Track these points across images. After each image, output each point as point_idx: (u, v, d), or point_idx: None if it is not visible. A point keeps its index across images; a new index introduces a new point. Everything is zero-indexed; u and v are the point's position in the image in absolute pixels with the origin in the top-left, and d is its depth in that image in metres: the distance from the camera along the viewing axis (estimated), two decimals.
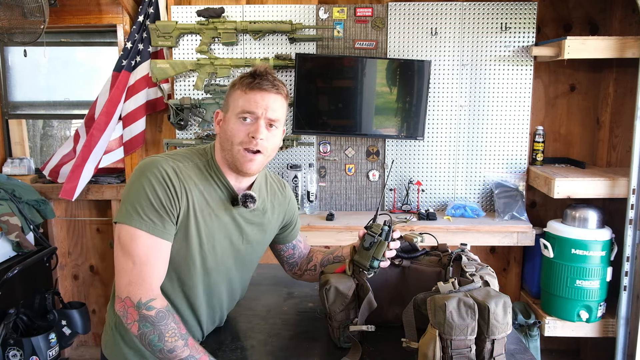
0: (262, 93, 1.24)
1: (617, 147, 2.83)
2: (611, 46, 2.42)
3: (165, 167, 1.21)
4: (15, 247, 2.53)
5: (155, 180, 1.18)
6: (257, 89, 1.24)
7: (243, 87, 1.25)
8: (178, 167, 1.24)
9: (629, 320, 2.47)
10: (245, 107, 1.23)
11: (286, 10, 2.72)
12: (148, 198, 1.17)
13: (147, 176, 1.19)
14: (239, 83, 1.26)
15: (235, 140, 1.24)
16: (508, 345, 1.28)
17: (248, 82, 1.25)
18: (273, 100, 1.25)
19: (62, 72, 3.23)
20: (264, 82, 1.24)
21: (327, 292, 1.30)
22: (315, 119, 2.71)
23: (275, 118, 1.26)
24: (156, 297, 1.16)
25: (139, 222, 1.16)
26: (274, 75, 1.28)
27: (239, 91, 1.25)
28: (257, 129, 1.23)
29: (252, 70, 1.27)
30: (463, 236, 2.58)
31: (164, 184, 1.19)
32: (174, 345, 1.14)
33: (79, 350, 3.19)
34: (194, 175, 1.26)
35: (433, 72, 2.74)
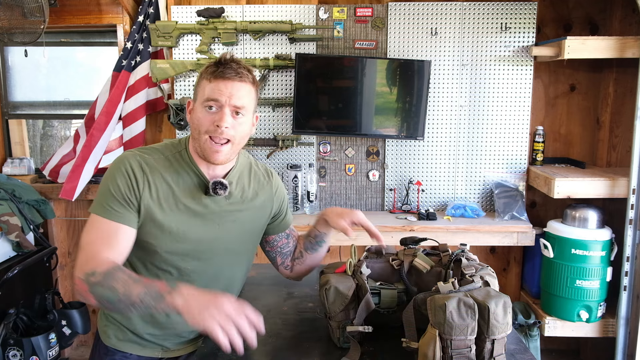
0: (226, 81, 1.25)
1: (617, 147, 2.83)
2: (611, 46, 2.42)
3: (131, 160, 1.28)
4: (15, 247, 2.53)
5: (119, 173, 1.27)
6: (220, 77, 1.25)
7: (208, 76, 1.27)
8: (144, 159, 1.30)
9: (629, 320, 2.47)
10: (209, 95, 1.25)
11: (286, 10, 2.73)
12: (109, 189, 1.26)
13: (112, 171, 1.28)
14: (205, 72, 1.28)
15: (202, 129, 1.26)
16: (508, 345, 1.28)
17: (212, 71, 1.26)
18: (237, 88, 1.26)
19: (62, 72, 3.23)
20: (227, 70, 1.25)
21: (327, 292, 1.30)
22: (315, 119, 2.71)
23: (241, 105, 1.26)
24: (100, 263, 1.18)
25: (99, 209, 1.25)
26: (239, 63, 1.28)
27: (205, 80, 1.27)
28: (221, 117, 1.24)
29: (217, 58, 1.28)
30: (463, 236, 2.58)
31: (126, 176, 1.26)
32: (128, 289, 1.11)
33: (79, 350, 3.19)
34: (161, 166, 1.31)
35: (433, 72, 2.74)
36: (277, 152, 2.84)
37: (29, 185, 2.79)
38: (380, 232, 2.69)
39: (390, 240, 2.57)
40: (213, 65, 1.27)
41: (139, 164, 1.28)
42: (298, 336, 1.41)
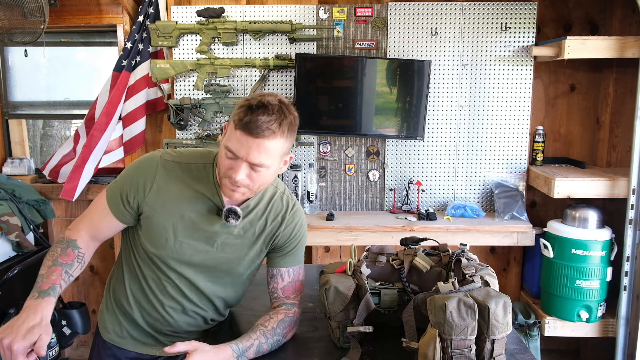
0: (247, 137, 1.14)
1: (617, 147, 2.83)
2: (611, 46, 2.42)
3: (156, 160, 1.31)
4: (15, 247, 2.53)
5: (136, 171, 1.31)
6: (244, 130, 1.14)
7: (236, 121, 1.16)
8: (168, 164, 1.31)
9: (629, 320, 2.47)
10: (228, 145, 1.18)
11: (286, 10, 2.72)
12: (126, 177, 1.32)
13: (135, 164, 1.34)
14: (236, 114, 1.16)
15: (221, 169, 1.24)
16: (508, 345, 1.28)
17: (239, 119, 1.15)
18: (257, 144, 1.15)
19: (62, 72, 3.23)
20: (252, 125, 1.13)
21: (326, 292, 1.30)
22: (315, 119, 2.71)
23: (259, 163, 1.17)
24: (71, 231, 1.34)
25: (109, 191, 1.34)
26: (271, 114, 1.14)
27: (232, 120, 1.18)
28: (235, 170, 1.19)
29: (251, 102, 1.15)
30: (463, 236, 2.58)
31: (140, 173, 1.30)
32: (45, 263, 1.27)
33: (79, 350, 3.19)
34: (181, 174, 1.31)
35: (433, 72, 2.74)
36: None
37: (29, 185, 2.79)
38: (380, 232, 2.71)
39: (390, 240, 2.57)
40: (244, 110, 1.15)
41: (159, 165, 1.31)
42: (298, 336, 1.41)
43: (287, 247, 1.41)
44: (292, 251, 1.42)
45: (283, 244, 1.40)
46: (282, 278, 1.41)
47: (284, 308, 1.39)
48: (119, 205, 1.31)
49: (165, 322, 1.39)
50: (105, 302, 1.47)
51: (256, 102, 1.15)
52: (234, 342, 1.26)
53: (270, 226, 1.37)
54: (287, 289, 1.42)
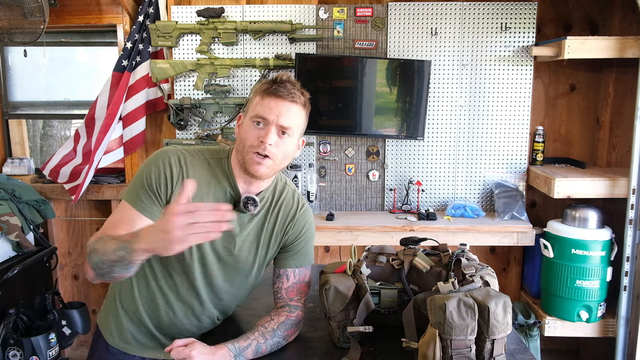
0: (277, 100, 1.25)
1: (617, 147, 2.83)
2: (611, 46, 2.42)
3: (171, 155, 1.29)
4: (15, 247, 2.53)
5: (154, 165, 1.28)
6: (273, 95, 1.25)
7: (261, 93, 1.27)
8: (184, 157, 1.30)
9: (629, 320, 2.47)
10: (258, 112, 1.26)
11: (286, 10, 2.72)
12: (142, 178, 1.27)
13: (150, 161, 1.29)
14: (259, 88, 1.29)
15: (247, 142, 1.26)
16: (508, 345, 1.28)
17: (265, 88, 1.27)
18: (287, 107, 1.26)
19: (62, 72, 3.23)
20: (280, 89, 1.25)
21: (326, 292, 1.30)
22: (315, 119, 2.71)
23: (288, 125, 1.26)
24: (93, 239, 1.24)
25: (129, 196, 1.27)
26: (295, 84, 1.29)
27: (258, 96, 1.28)
28: (266, 134, 1.24)
29: (274, 77, 1.29)
30: (463, 236, 2.58)
31: (161, 169, 1.27)
32: (106, 248, 1.11)
33: (79, 350, 3.19)
34: (198, 169, 1.30)
35: (433, 72, 2.74)
36: None
37: (29, 185, 2.79)
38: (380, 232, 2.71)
39: (390, 240, 2.57)
40: (268, 83, 1.28)
41: (178, 159, 1.29)
42: (298, 336, 1.41)
43: (295, 247, 1.41)
44: (300, 252, 1.41)
45: (291, 243, 1.40)
46: (288, 278, 1.41)
47: (286, 310, 1.38)
48: (152, 205, 1.26)
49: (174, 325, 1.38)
50: (109, 306, 1.44)
51: (279, 76, 1.28)
52: (230, 341, 1.26)
53: (281, 221, 1.38)
54: (291, 290, 1.41)
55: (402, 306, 1.34)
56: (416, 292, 1.38)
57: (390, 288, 1.38)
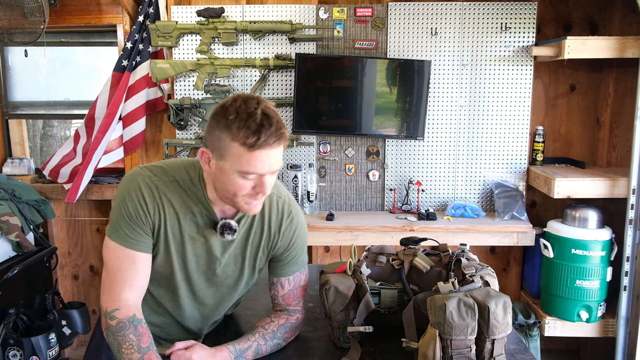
0: (267, 150, 1.10)
1: (617, 147, 2.83)
2: (611, 46, 2.42)
3: (140, 182, 1.21)
4: (15, 247, 2.53)
5: (129, 197, 1.20)
6: (261, 148, 1.09)
7: (244, 144, 1.08)
8: (156, 186, 1.21)
9: (629, 320, 2.47)
10: (248, 169, 1.11)
11: (286, 10, 2.72)
12: (122, 213, 1.20)
13: (122, 193, 1.22)
14: (237, 134, 1.08)
15: (238, 193, 1.16)
16: (508, 345, 1.28)
17: (250, 140, 1.08)
18: (276, 152, 1.12)
19: (62, 72, 3.23)
20: (269, 138, 1.09)
21: (326, 292, 1.30)
22: (315, 119, 2.71)
23: (278, 168, 1.16)
24: (120, 307, 1.18)
25: (115, 235, 1.21)
26: (273, 119, 1.10)
27: (238, 145, 1.09)
28: (263, 186, 1.15)
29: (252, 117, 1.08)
30: (463, 236, 2.58)
31: (136, 200, 1.20)
32: (129, 358, 1.13)
33: (79, 350, 3.19)
34: (172, 195, 1.22)
35: (433, 72, 2.74)
36: None
37: (29, 185, 2.79)
38: (380, 232, 2.71)
39: (390, 240, 2.57)
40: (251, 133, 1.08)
41: (149, 187, 1.21)
42: (298, 336, 1.41)
43: (286, 257, 1.36)
44: (292, 260, 1.37)
45: (282, 254, 1.36)
46: (283, 286, 1.39)
47: (285, 314, 1.38)
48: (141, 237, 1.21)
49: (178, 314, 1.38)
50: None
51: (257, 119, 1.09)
52: (231, 343, 1.26)
53: (267, 235, 1.32)
54: (288, 296, 1.39)
55: (402, 306, 1.34)
56: (416, 292, 1.38)
57: (390, 288, 1.38)
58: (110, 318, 1.17)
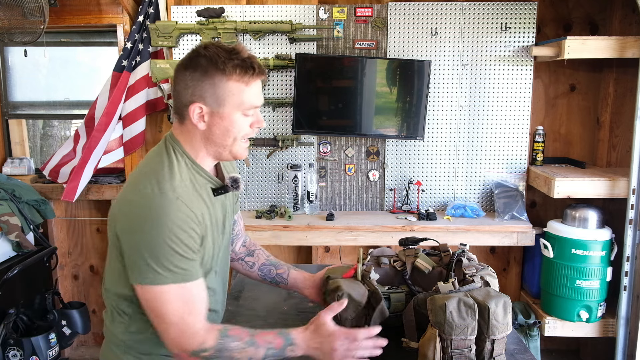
0: (258, 80, 1.16)
1: (617, 147, 2.83)
2: (611, 46, 2.42)
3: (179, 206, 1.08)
4: (15, 247, 2.53)
5: (179, 231, 1.07)
6: (257, 77, 1.14)
7: (241, 78, 1.12)
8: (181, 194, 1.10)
9: (629, 320, 2.47)
10: (253, 102, 1.15)
11: (286, 10, 2.72)
12: (175, 251, 1.07)
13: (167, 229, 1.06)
14: (232, 72, 1.11)
15: (239, 135, 1.17)
16: (508, 345, 1.28)
17: (245, 72, 1.12)
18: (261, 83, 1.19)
19: (62, 72, 3.23)
20: (260, 67, 1.14)
21: (339, 298, 1.26)
22: (315, 119, 2.71)
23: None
24: (205, 338, 1.11)
25: (170, 277, 1.07)
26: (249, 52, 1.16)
27: (236, 83, 1.12)
28: (260, 120, 1.20)
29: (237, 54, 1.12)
30: (463, 236, 2.58)
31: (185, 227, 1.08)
32: (248, 356, 1.13)
33: (79, 350, 3.19)
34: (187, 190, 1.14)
35: (433, 72, 2.74)
36: (277, 152, 2.84)
37: (29, 185, 2.79)
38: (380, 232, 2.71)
39: (390, 240, 2.57)
40: (241, 64, 1.11)
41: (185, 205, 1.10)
42: None
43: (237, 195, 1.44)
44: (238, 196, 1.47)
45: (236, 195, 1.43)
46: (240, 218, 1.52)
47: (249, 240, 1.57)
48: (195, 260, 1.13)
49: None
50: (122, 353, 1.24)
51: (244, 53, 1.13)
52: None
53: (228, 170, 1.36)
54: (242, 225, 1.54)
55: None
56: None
57: (398, 292, 1.36)
58: (204, 352, 1.10)
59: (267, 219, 2.69)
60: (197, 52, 1.13)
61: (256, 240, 1.61)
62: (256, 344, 1.13)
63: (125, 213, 1.11)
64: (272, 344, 1.14)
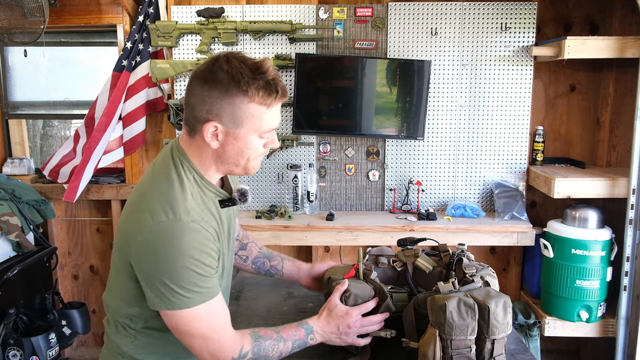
0: (284, 100, 1.13)
1: (617, 147, 2.83)
2: (611, 46, 2.42)
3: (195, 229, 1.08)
4: (15, 247, 2.53)
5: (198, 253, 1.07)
6: (280, 100, 1.11)
7: (263, 101, 1.08)
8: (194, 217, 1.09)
9: (629, 320, 2.47)
10: (271, 125, 1.13)
11: (286, 10, 2.72)
12: (197, 273, 1.07)
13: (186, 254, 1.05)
14: (254, 94, 1.06)
15: (253, 155, 1.15)
16: (508, 345, 1.28)
17: (269, 95, 1.08)
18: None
19: (62, 72, 3.23)
20: (284, 89, 1.11)
21: (346, 298, 1.27)
22: (315, 119, 2.71)
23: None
24: (242, 344, 1.14)
25: (198, 298, 1.08)
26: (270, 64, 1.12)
27: (257, 105, 1.08)
28: (275, 140, 1.18)
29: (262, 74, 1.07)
30: (463, 236, 2.58)
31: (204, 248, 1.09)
32: (279, 352, 1.19)
33: (79, 350, 3.19)
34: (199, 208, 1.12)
35: (433, 72, 2.74)
36: (277, 152, 2.84)
37: (29, 185, 2.79)
38: (380, 232, 2.71)
39: (390, 240, 2.57)
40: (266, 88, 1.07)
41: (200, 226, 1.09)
42: None
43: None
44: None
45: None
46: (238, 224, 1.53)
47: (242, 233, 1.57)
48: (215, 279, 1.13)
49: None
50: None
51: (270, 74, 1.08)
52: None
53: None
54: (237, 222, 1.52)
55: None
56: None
57: (400, 292, 1.36)
58: (245, 357, 1.14)
59: (267, 219, 2.69)
60: (219, 65, 1.07)
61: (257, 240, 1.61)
62: (284, 339, 1.20)
63: (141, 242, 1.07)
64: (297, 335, 1.22)
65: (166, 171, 1.14)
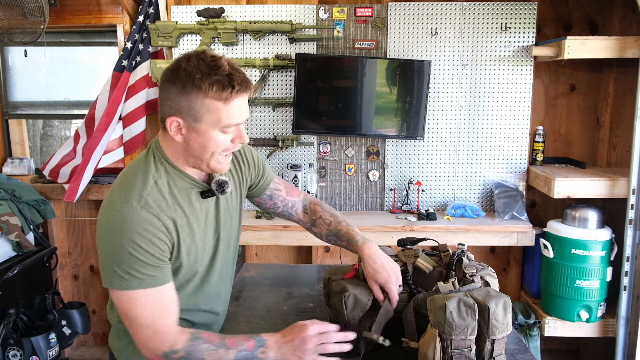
0: (241, 98, 1.12)
1: (617, 147, 2.83)
2: (611, 46, 2.42)
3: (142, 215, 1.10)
4: (15, 247, 2.53)
5: (140, 238, 1.09)
6: (238, 95, 1.10)
7: (219, 96, 1.08)
8: (147, 203, 1.12)
9: (629, 320, 2.47)
10: (232, 121, 1.12)
11: (286, 10, 2.72)
12: (137, 258, 1.09)
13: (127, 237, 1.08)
14: (209, 90, 1.08)
15: (217, 150, 1.15)
16: (508, 345, 1.27)
17: (223, 90, 1.08)
18: (246, 99, 1.15)
19: (62, 72, 3.23)
20: (242, 86, 1.10)
21: (346, 300, 1.26)
22: (315, 119, 2.71)
23: (249, 114, 1.18)
24: (175, 341, 1.13)
25: (136, 283, 1.10)
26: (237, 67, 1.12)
27: (213, 101, 1.09)
28: (242, 135, 1.17)
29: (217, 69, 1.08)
30: (463, 236, 2.58)
31: (148, 235, 1.10)
32: (218, 357, 1.13)
33: (79, 350, 3.19)
34: (160, 197, 1.15)
35: (433, 72, 2.74)
36: (277, 152, 2.84)
37: (29, 185, 2.79)
38: (381, 232, 2.71)
39: (390, 240, 2.57)
40: (223, 83, 1.08)
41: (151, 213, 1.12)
42: None
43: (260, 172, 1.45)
44: (265, 171, 1.47)
45: (257, 175, 1.44)
46: (279, 189, 1.50)
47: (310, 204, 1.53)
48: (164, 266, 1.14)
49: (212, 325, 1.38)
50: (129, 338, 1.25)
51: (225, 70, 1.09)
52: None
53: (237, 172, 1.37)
54: (289, 190, 1.52)
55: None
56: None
57: (401, 292, 1.36)
58: (174, 353, 1.12)
59: (267, 219, 2.69)
60: (179, 64, 1.11)
61: (257, 241, 1.60)
62: (226, 346, 1.14)
63: (98, 226, 1.15)
64: (243, 345, 1.14)
65: (137, 163, 1.20)
